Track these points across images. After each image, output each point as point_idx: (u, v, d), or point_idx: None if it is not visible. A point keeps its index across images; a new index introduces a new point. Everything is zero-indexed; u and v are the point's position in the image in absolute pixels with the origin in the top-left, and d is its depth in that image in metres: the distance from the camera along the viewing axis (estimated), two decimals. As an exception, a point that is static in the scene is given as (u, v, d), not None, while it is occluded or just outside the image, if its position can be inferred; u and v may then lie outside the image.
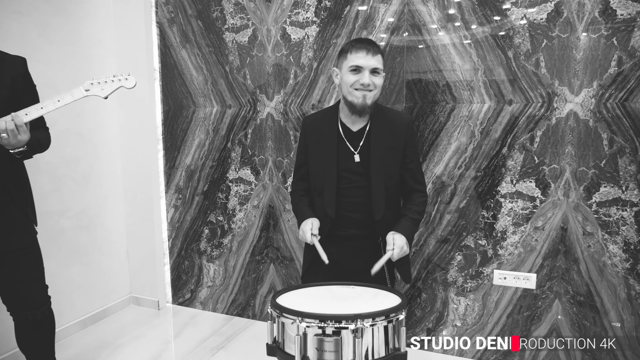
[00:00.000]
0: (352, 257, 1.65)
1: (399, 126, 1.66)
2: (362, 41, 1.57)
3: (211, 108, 2.66)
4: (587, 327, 2.06)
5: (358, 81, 1.52)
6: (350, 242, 1.66)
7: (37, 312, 1.67)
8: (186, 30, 2.65)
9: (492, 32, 2.04)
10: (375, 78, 1.54)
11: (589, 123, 1.95)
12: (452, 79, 2.13)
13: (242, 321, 2.71)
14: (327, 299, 1.23)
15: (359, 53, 1.52)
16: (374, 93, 1.56)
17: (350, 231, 1.65)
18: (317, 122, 1.73)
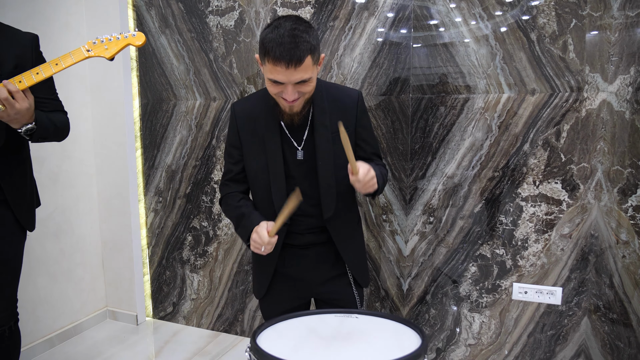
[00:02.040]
0: (313, 268, 1.39)
1: (347, 104, 1.36)
2: (281, 45, 1.12)
3: (194, 101, 2.38)
4: (621, 349, 1.80)
5: (280, 94, 1.21)
6: (307, 251, 1.39)
7: (4, 329, 1.45)
8: (165, 13, 2.37)
9: (511, 11, 1.77)
10: (303, 86, 1.19)
11: (625, 115, 1.69)
12: (466, 66, 1.86)
13: (229, 338, 2.43)
14: (324, 339, 0.96)
15: (278, 67, 1.14)
16: (304, 98, 1.24)
17: (306, 238, 1.37)
18: (252, 108, 1.38)
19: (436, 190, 1.98)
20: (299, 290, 1.40)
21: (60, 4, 2.29)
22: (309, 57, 1.14)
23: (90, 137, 2.51)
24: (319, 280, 1.41)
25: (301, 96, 1.22)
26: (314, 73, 1.21)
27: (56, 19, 2.27)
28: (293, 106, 1.23)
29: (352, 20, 2.01)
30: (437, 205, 1.98)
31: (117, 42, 1.38)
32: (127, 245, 2.54)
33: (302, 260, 1.40)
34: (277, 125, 1.32)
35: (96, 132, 2.51)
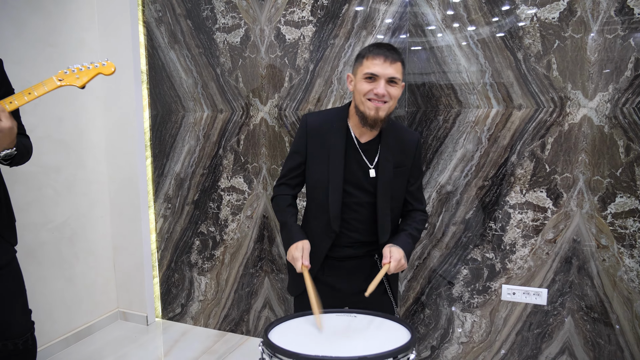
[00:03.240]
0: (348, 279, 1.53)
1: (408, 144, 1.53)
2: (380, 46, 1.39)
3: (202, 113, 2.52)
4: (602, 346, 1.93)
5: (372, 90, 1.36)
6: (343, 262, 1.53)
7: (19, 341, 1.50)
8: (175, 30, 2.50)
9: (500, 32, 1.91)
10: (391, 88, 1.37)
11: (604, 129, 1.83)
12: (458, 82, 2.00)
13: (235, 337, 2.57)
14: (326, 334, 1.09)
15: (376, 60, 1.35)
16: (389, 105, 1.39)
17: (346, 252, 1.52)
18: (323, 123, 1.53)
19: (430, 198, 2.11)
20: (332, 298, 1.48)
21: (75, 21, 2.42)
22: (400, 63, 1.39)
23: (102, 147, 2.64)
24: (354, 290, 1.50)
25: (389, 100, 1.38)
26: (401, 84, 1.42)
27: (72, 35, 2.40)
28: (379, 108, 1.37)
29: (351, 39, 2.14)
30: (432, 212, 2.12)
31: (88, 71, 1.45)
32: (138, 250, 2.67)
33: (336, 271, 1.53)
34: (345, 142, 1.47)
35: (108, 142, 2.64)
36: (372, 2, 2.08)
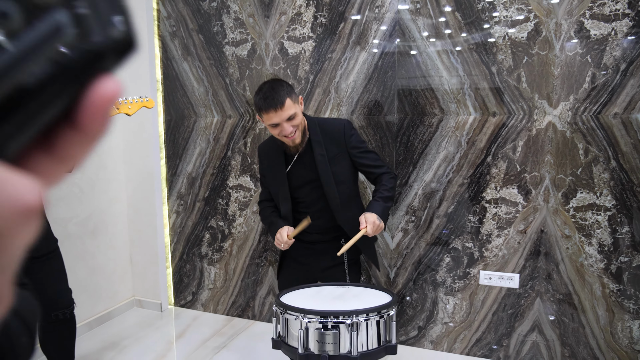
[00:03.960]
0: (317, 258, 1.84)
1: (335, 133, 1.79)
2: (266, 99, 1.61)
3: (212, 118, 2.78)
4: (566, 324, 2.21)
5: (280, 133, 1.65)
6: (314, 245, 1.85)
7: (67, 311, 1.81)
8: (187, 43, 2.77)
9: (477, 49, 2.19)
10: (293, 121, 1.64)
11: (566, 134, 2.10)
12: (440, 92, 2.27)
13: (242, 322, 2.83)
14: (326, 298, 1.36)
15: (269, 113, 1.60)
16: (298, 132, 1.69)
17: (314, 237, 1.84)
18: (267, 148, 1.89)
19: (417, 195, 2.38)
20: (305, 273, 1.84)
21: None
22: (288, 99, 1.61)
23: (121, 149, 2.90)
24: (322, 266, 1.83)
25: (296, 129, 1.67)
26: (298, 109, 1.67)
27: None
28: (294, 139, 1.69)
29: (346, 53, 2.42)
30: (418, 207, 2.39)
31: (137, 104, 1.96)
32: (152, 243, 2.93)
33: (308, 252, 1.85)
34: (282, 157, 1.80)
35: (126, 145, 2.90)
36: (366, 21, 2.35)
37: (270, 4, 2.54)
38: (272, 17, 2.55)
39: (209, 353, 2.45)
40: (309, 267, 1.83)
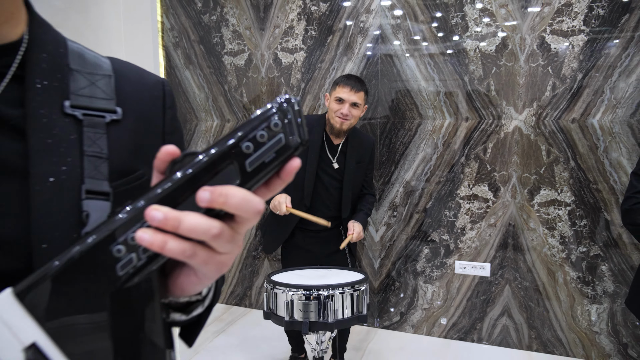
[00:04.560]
0: (320, 245, 2.07)
1: (366, 146, 2.07)
2: (350, 78, 1.93)
3: (212, 122, 3.02)
4: (532, 308, 2.44)
5: (340, 110, 1.89)
6: (318, 234, 2.06)
7: None
8: (189, 53, 3.01)
9: (451, 60, 2.43)
10: (354, 110, 1.91)
11: (530, 137, 2.34)
12: (419, 99, 2.51)
13: (240, 309, 3.06)
14: (310, 277, 1.59)
15: (345, 88, 1.89)
16: (350, 122, 1.93)
17: (318, 225, 2.03)
18: (309, 126, 2.07)
19: (398, 192, 2.62)
20: (308, 259, 2.04)
21: (106, 45, 2.92)
22: (363, 93, 1.92)
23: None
24: (325, 253, 2.06)
25: (351, 118, 1.91)
26: (362, 109, 1.95)
27: (105, 58, 2.90)
28: (344, 122, 1.91)
29: (334, 63, 2.65)
30: (399, 203, 2.62)
31: None
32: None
33: (312, 240, 2.06)
34: (321, 141, 2.00)
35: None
36: (352, 34, 2.59)
37: (265, 18, 2.78)
38: (267, 30, 2.79)
39: (209, 337, 2.68)
40: (315, 253, 2.05)
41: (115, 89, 0.52)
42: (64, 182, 0.42)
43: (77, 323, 0.34)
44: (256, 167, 0.33)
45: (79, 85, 0.49)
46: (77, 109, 0.47)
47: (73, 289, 0.33)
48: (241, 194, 0.32)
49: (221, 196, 0.31)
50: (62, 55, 0.49)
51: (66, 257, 0.33)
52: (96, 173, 0.45)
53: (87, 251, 0.33)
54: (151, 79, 0.59)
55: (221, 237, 0.33)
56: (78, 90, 0.48)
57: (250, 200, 0.32)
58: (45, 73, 0.45)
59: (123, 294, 0.34)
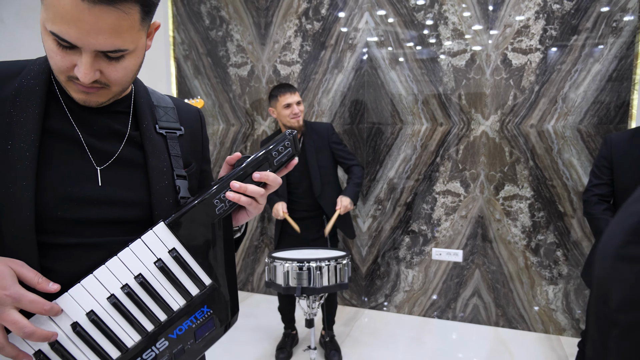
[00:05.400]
0: (306, 231, 2.42)
1: (321, 132, 2.45)
2: (283, 85, 2.35)
3: (218, 126, 3.38)
4: (499, 289, 2.81)
5: (291, 112, 2.29)
6: (303, 221, 2.42)
7: None
8: (198, 65, 3.37)
9: (427, 73, 2.79)
10: (300, 107, 2.33)
11: (495, 140, 2.71)
12: (400, 107, 2.88)
13: (243, 294, 3.42)
14: (303, 254, 1.95)
15: (286, 94, 2.30)
16: (301, 117, 2.34)
17: (302, 214, 2.42)
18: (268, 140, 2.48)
19: (382, 188, 2.98)
20: (296, 241, 2.41)
21: (125, 59, 3.28)
22: (297, 92, 2.30)
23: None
24: (310, 237, 2.42)
25: (300, 114, 2.31)
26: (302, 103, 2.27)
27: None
28: (299, 120, 2.32)
29: (327, 74, 3.02)
30: (383, 198, 2.98)
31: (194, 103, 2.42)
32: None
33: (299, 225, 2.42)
34: None
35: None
36: (342, 50, 2.96)
37: (266, 34, 3.15)
38: (267, 45, 3.15)
39: (216, 316, 3.04)
40: (301, 238, 2.41)
41: (178, 115, 0.88)
42: (165, 171, 0.78)
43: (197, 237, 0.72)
44: (278, 163, 0.73)
45: (160, 115, 0.84)
46: (162, 129, 0.83)
47: (195, 221, 0.72)
48: (273, 176, 0.72)
49: (264, 176, 0.70)
50: (149, 98, 0.84)
51: (190, 205, 0.71)
52: (177, 165, 0.81)
53: (202, 202, 0.71)
54: (192, 108, 0.94)
55: (263, 196, 0.72)
56: (160, 118, 0.84)
57: (276, 178, 0.72)
58: (145, 110, 0.81)
59: (219, 222, 0.73)
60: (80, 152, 0.72)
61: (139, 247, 0.71)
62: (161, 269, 0.71)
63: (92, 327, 0.68)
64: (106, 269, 0.69)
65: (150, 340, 0.71)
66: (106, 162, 0.74)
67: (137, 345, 0.70)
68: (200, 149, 0.91)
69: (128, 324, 0.70)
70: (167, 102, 0.88)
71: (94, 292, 0.68)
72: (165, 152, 0.80)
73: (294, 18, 3.06)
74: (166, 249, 0.72)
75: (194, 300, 0.74)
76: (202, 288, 0.74)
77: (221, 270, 0.76)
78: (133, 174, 0.76)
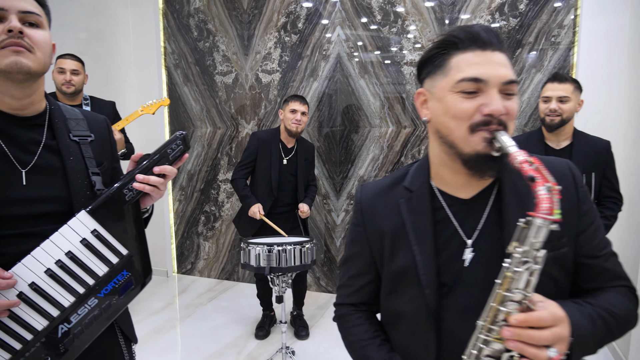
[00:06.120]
0: (283, 223, 2.71)
1: (309, 149, 2.78)
2: (297, 96, 2.65)
3: (206, 129, 3.69)
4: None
5: (294, 118, 2.59)
6: (280, 215, 2.73)
7: None
8: (187, 72, 3.68)
9: (392, 81, 3.12)
10: (303, 117, 2.62)
11: (452, 141, 3.03)
12: (369, 111, 3.20)
13: (229, 283, 3.73)
14: (274, 240, 2.26)
15: (296, 102, 2.60)
16: (302, 127, 2.63)
17: (282, 209, 2.74)
18: (267, 139, 2.75)
19: (354, 184, 3.30)
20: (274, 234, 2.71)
21: (120, 67, 3.58)
22: (306, 105, 2.81)
23: (137, 150, 3.79)
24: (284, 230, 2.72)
25: (302, 123, 2.63)
26: (307, 115, 2.57)
27: (118, 77, 3.57)
28: (298, 127, 2.62)
29: (303, 82, 3.33)
30: (354, 194, 3.30)
31: (155, 104, 2.70)
32: (161, 224, 3.82)
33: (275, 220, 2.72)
34: (279, 148, 2.70)
35: (141, 148, 3.79)
36: (317, 60, 3.28)
37: (249, 45, 3.46)
38: (250, 55, 3.46)
39: (203, 301, 3.35)
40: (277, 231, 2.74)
41: (87, 124, 1.09)
42: (81, 170, 0.98)
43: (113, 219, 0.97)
44: (173, 158, 0.98)
45: (72, 125, 1.02)
46: (76, 136, 1.01)
47: (110, 207, 0.96)
48: (169, 168, 0.96)
49: (162, 169, 0.96)
50: (62, 113, 1.02)
51: (105, 195, 0.96)
52: (91, 165, 1.03)
53: (114, 192, 0.96)
54: (100, 117, 1.11)
55: (163, 184, 0.97)
56: (73, 128, 1.01)
57: (172, 170, 0.97)
58: (59, 122, 0.99)
59: (128, 206, 0.98)
60: (5, 159, 0.89)
61: (67, 231, 0.91)
62: (86, 246, 0.92)
63: (35, 294, 0.86)
64: (41, 249, 0.89)
65: (82, 300, 0.91)
66: (28, 166, 0.92)
67: (72, 305, 0.90)
68: (110, 150, 1.10)
69: (64, 289, 0.89)
70: (78, 114, 1.07)
71: (33, 267, 0.87)
72: (80, 155, 0.99)
73: (274, 31, 3.37)
74: (89, 230, 0.92)
75: (115, 267, 0.94)
76: (121, 257, 0.95)
77: (134, 242, 0.98)
78: (53, 175, 0.94)
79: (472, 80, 0.73)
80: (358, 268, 0.92)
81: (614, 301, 0.77)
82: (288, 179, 2.72)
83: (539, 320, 0.63)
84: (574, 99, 1.93)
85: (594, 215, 0.80)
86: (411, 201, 0.84)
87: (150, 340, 2.75)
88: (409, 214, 0.83)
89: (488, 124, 0.72)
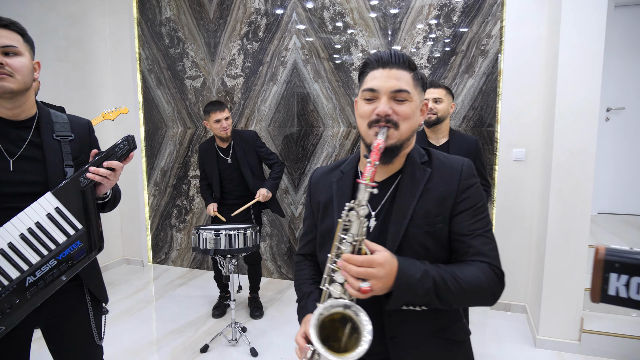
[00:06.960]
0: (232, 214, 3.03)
1: (247, 139, 3.04)
2: (214, 103, 2.91)
3: (177, 129, 3.99)
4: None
5: (221, 126, 2.87)
6: (233, 207, 3.03)
7: None
8: (160, 77, 3.98)
9: (343, 85, 3.42)
10: (227, 121, 2.91)
11: (396, 140, 3.34)
12: (323, 113, 3.51)
13: (199, 271, 4.03)
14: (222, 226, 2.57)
15: (217, 112, 2.87)
16: (230, 128, 2.92)
17: (233, 201, 3.03)
18: (206, 147, 3.07)
19: (310, 180, 3.60)
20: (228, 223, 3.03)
21: (98, 72, 3.88)
22: (227, 108, 2.91)
23: (113, 150, 4.09)
24: (237, 221, 3.03)
25: (228, 127, 2.89)
26: (230, 117, 2.87)
27: (96, 82, 3.87)
28: (227, 132, 2.90)
29: (264, 86, 3.64)
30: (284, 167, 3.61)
31: (115, 112, 3.00)
32: (137, 217, 4.12)
33: (227, 210, 3.04)
34: (215, 152, 3.00)
35: (117, 147, 4.09)
36: (276, 66, 3.58)
37: (215, 52, 3.76)
38: (216, 61, 3.77)
39: (175, 286, 3.66)
40: (233, 219, 3.04)
41: (70, 127, 1.42)
42: (57, 163, 1.31)
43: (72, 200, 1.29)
44: (120, 155, 1.30)
45: (57, 127, 1.38)
46: (58, 136, 1.35)
47: (69, 190, 1.29)
48: (116, 163, 1.28)
49: (111, 163, 1.28)
50: (50, 118, 1.39)
51: (65, 181, 1.29)
52: (67, 159, 1.36)
53: (73, 179, 1.28)
54: (83, 121, 1.43)
55: (111, 175, 1.28)
56: (57, 129, 1.35)
57: (118, 164, 1.28)
58: (45, 125, 1.36)
59: (83, 191, 1.30)
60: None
61: (36, 207, 1.21)
62: (50, 219, 1.21)
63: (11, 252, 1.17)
64: (18, 219, 1.20)
65: (45, 260, 1.21)
66: (14, 156, 1.24)
67: (36, 263, 1.20)
68: (89, 147, 1.38)
69: (32, 250, 1.20)
70: (64, 118, 1.38)
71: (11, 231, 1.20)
72: (59, 151, 1.31)
73: (237, 39, 3.68)
74: (53, 207, 1.22)
75: (71, 237, 1.23)
76: (77, 230, 1.24)
77: (88, 220, 1.25)
78: (35, 164, 1.27)
79: (369, 90, 0.99)
80: (306, 228, 1.21)
81: (464, 269, 0.94)
82: (235, 175, 3.02)
83: (357, 260, 0.84)
84: (446, 101, 2.31)
85: (472, 203, 1.00)
86: (340, 181, 1.10)
87: (122, 317, 3.06)
88: (337, 190, 1.09)
89: (378, 121, 0.97)
